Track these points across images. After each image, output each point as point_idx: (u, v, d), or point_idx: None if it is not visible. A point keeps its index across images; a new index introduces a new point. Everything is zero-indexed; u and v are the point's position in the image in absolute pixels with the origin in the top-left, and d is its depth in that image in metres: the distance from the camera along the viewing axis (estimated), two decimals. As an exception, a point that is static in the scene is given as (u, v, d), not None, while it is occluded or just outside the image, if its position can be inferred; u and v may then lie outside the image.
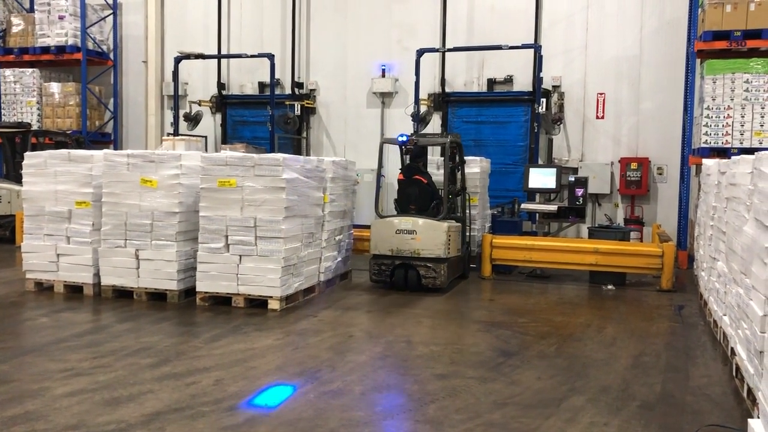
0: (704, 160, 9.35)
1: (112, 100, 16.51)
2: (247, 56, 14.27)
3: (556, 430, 4.28)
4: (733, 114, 10.46)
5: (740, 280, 5.35)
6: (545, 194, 11.63)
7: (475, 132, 13.92)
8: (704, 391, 5.15)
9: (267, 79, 14.34)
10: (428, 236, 8.64)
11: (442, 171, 9.55)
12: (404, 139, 9.17)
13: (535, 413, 4.56)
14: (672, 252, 9.33)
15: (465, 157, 10.14)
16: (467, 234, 10.02)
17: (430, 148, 10.22)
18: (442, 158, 10.51)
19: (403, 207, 9.24)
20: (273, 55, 13.96)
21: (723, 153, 10.23)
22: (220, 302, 7.75)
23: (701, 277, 8.65)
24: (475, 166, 10.85)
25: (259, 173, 7.54)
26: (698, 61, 11.31)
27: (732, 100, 10.44)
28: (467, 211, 10.05)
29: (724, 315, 6.25)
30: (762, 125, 10.38)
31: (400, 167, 9.59)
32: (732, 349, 5.63)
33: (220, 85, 15.54)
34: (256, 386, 5.02)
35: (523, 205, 11.14)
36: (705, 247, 8.35)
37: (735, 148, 10.32)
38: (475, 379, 5.30)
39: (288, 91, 14.94)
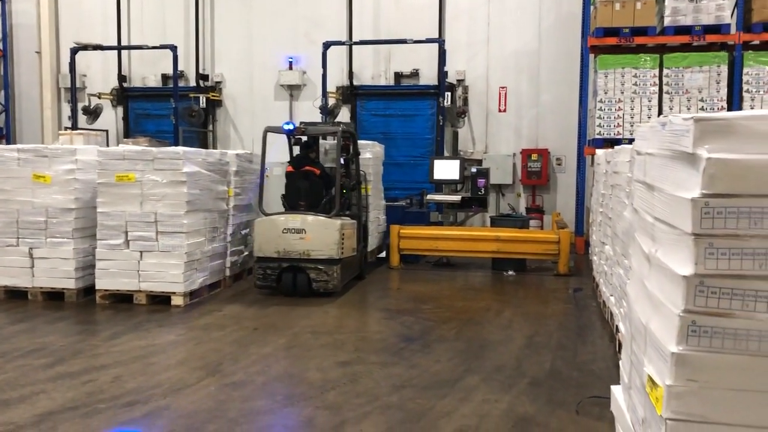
0: (597, 151, 9.87)
1: (2, 92, 15.63)
2: (148, 47, 13.85)
3: (450, 409, 4.47)
4: (624, 107, 11.04)
5: (621, 262, 5.73)
6: (451, 185, 11.95)
7: (384, 125, 14.11)
8: (589, 366, 5.50)
9: (170, 71, 13.98)
10: (319, 235, 7.88)
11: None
12: (291, 127, 8.32)
13: (431, 394, 4.75)
14: (567, 238, 9.82)
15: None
16: (363, 231, 9.42)
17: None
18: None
19: (292, 203, 8.40)
20: (176, 47, 13.62)
21: (615, 144, 10.76)
22: (122, 300, 7.56)
23: (594, 261, 9.15)
24: (367, 152, 10.13)
25: (159, 167, 7.40)
26: (592, 56, 11.88)
27: (622, 93, 11.01)
28: (364, 206, 9.49)
29: (611, 295, 6.65)
30: (650, 117, 11.01)
31: (288, 159, 8.94)
32: (617, 326, 6.02)
33: (121, 78, 15.02)
34: (156, 381, 4.96)
35: (428, 196, 11.40)
36: (597, 232, 8.84)
37: (626, 139, 10.90)
38: (377, 365, 5.45)
39: (192, 83, 14.62)
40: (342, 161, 8.68)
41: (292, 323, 6.82)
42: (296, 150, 8.96)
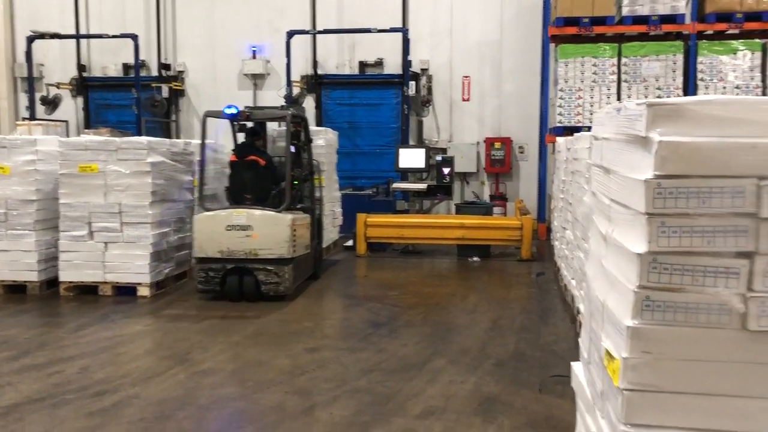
0: (557, 138, 10.06)
1: (-44, 82, 15.19)
2: (108, 36, 13.62)
3: (417, 391, 4.57)
4: (584, 95, 11.23)
5: (581, 246, 5.90)
6: (417, 173, 12.05)
7: (349, 114, 14.14)
8: (552, 347, 5.66)
9: (131, 61, 13.78)
10: (268, 232, 7.08)
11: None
12: (233, 111, 7.47)
13: (399, 377, 4.84)
14: (530, 224, 10.01)
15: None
16: (317, 227, 8.64)
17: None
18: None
19: (236, 196, 7.61)
20: (136, 35, 13.42)
21: (576, 131, 10.94)
22: (86, 291, 7.49)
23: (556, 246, 9.36)
24: (320, 139, 9.51)
25: (123, 157, 7.33)
26: (552, 45, 12.05)
27: (582, 82, 11.20)
28: (317, 198, 8.71)
29: (572, 279, 6.83)
30: (608, 104, 11.24)
31: (233, 147, 8.02)
32: (578, 308, 6.19)
33: (81, 67, 14.73)
34: (124, 371, 4.96)
35: (394, 185, 11.49)
36: (558, 218, 9.04)
37: (586, 126, 11.11)
38: (345, 350, 5.53)
39: (154, 72, 14.43)
40: (293, 149, 7.92)
41: (259, 312, 6.84)
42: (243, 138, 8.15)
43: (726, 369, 2.13)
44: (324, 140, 9.71)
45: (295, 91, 13.44)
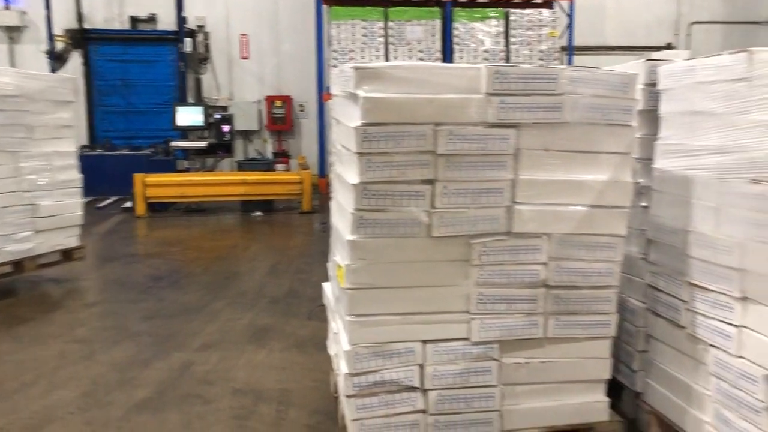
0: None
1: None
2: None
3: (196, 330, 4.96)
4: (355, 56, 11.97)
5: (346, 193, 6.62)
6: (197, 132, 12.08)
7: (122, 71, 13.62)
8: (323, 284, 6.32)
9: None
10: None
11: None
12: None
13: (180, 320, 5.19)
14: (309, 178, 10.66)
15: None
16: None
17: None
18: None
19: None
20: None
21: (348, 90, 11.76)
22: None
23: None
24: None
25: None
26: (325, 6, 12.61)
27: (354, 43, 11.90)
28: None
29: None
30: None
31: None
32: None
33: None
34: None
35: (172, 143, 11.45)
36: (333, 172, 9.78)
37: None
38: (126, 302, 5.72)
39: None
40: None
41: (28, 274, 6.68)
42: None
43: (418, 267, 2.83)
44: None
45: (59, 46, 12.62)
